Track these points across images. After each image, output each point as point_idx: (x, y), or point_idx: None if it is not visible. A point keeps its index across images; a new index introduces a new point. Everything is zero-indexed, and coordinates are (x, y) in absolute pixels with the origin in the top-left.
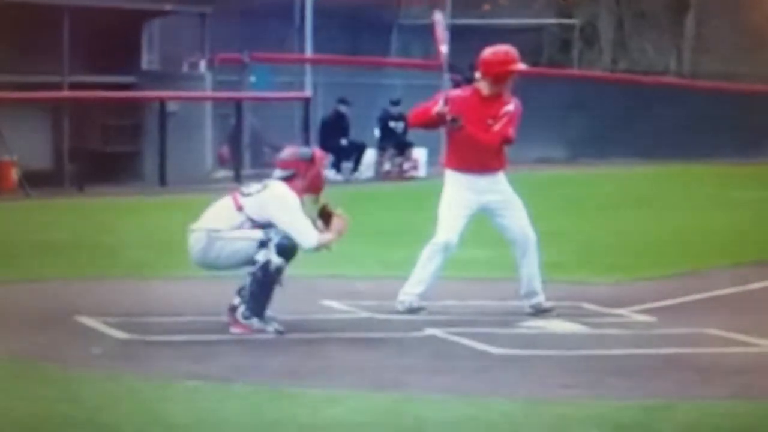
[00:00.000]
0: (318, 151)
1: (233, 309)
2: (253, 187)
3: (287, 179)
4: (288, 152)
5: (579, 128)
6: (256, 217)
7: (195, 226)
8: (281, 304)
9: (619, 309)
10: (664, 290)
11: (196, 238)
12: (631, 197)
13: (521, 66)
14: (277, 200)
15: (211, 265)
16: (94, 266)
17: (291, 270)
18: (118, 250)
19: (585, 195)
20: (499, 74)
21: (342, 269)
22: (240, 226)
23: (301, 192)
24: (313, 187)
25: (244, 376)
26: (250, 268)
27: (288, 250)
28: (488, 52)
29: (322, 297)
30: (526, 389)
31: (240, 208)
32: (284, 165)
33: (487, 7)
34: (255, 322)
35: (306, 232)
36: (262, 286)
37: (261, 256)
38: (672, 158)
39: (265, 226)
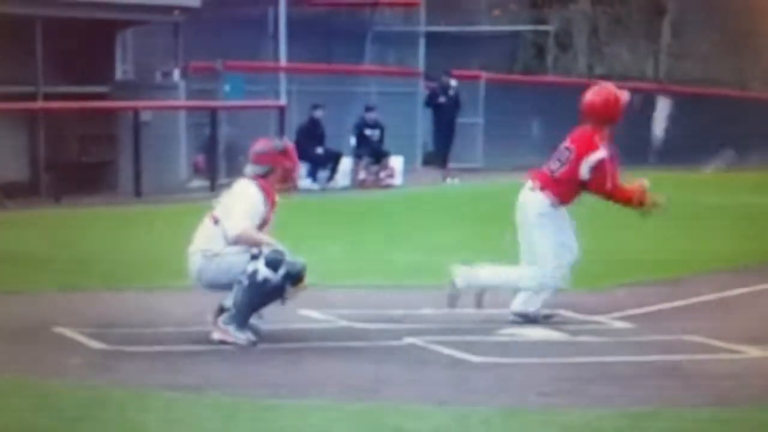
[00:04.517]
0: (287, 142)
1: (221, 310)
2: (223, 194)
3: (262, 176)
4: (262, 146)
5: (554, 135)
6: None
7: (190, 249)
8: (259, 314)
9: (599, 316)
10: (643, 297)
11: (193, 261)
12: (608, 204)
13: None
14: (235, 192)
15: (211, 283)
16: (71, 277)
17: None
18: (95, 260)
19: None
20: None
21: (319, 278)
22: (224, 236)
23: (275, 186)
24: (288, 178)
25: (221, 387)
26: (242, 276)
27: (276, 262)
28: (607, 96)
29: (300, 306)
30: (506, 397)
31: (216, 221)
32: (260, 160)
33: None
34: (231, 329)
35: (235, 220)
36: (246, 295)
37: (250, 267)
38: (648, 165)
39: None
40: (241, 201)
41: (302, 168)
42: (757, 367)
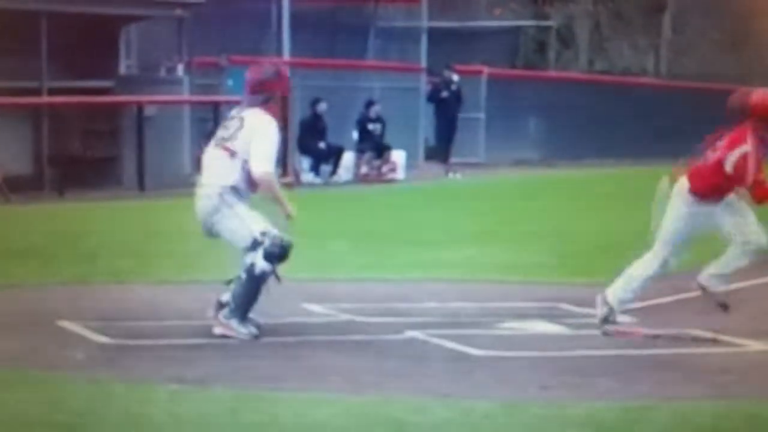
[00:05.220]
0: (278, 64)
1: (220, 305)
2: (231, 126)
3: (263, 105)
4: (256, 75)
5: (555, 130)
6: (248, 156)
7: (205, 182)
8: (262, 308)
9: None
10: (644, 291)
11: (208, 194)
12: (609, 198)
13: None
14: (258, 128)
15: (209, 226)
16: (75, 271)
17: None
18: (99, 254)
19: (561, 196)
20: None
21: (322, 272)
22: (242, 169)
23: (278, 112)
24: (285, 100)
25: (225, 380)
26: (240, 272)
27: (276, 256)
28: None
29: (302, 300)
30: (507, 391)
31: (233, 154)
32: (257, 89)
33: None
34: (233, 323)
35: (263, 159)
36: (245, 289)
37: (249, 259)
38: (649, 159)
39: None
40: (264, 138)
41: (305, 162)
42: (759, 361)
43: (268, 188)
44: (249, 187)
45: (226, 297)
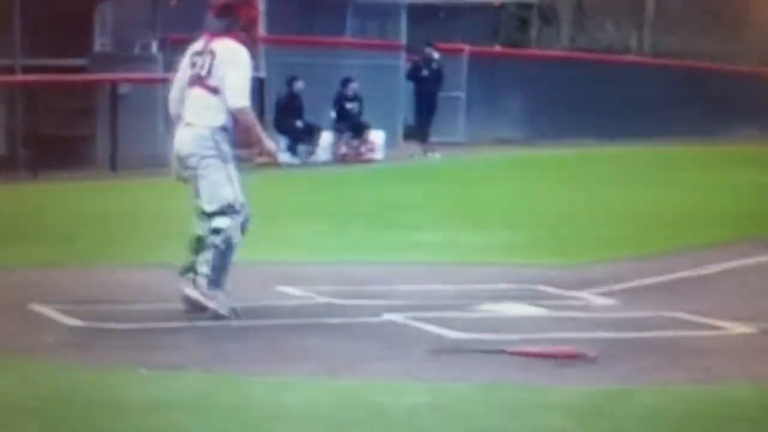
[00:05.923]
0: None
1: (188, 294)
2: (201, 62)
3: (228, 32)
4: None
5: (536, 109)
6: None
7: (193, 121)
8: (237, 291)
9: (578, 292)
10: (623, 272)
11: (200, 134)
12: (589, 179)
13: None
14: (230, 59)
15: (189, 166)
16: (47, 253)
17: (248, 256)
18: (72, 236)
19: (542, 177)
20: None
21: (299, 254)
22: (227, 107)
23: (245, 40)
24: (251, 26)
25: (199, 364)
26: (214, 238)
27: (246, 229)
28: None
29: (278, 283)
30: (485, 374)
31: (215, 91)
32: (221, 12)
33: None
34: (219, 294)
35: (239, 92)
36: (224, 259)
37: (223, 224)
38: (631, 138)
39: None
40: (237, 70)
41: (282, 142)
42: (740, 344)
43: (246, 122)
44: (234, 123)
45: (189, 290)
